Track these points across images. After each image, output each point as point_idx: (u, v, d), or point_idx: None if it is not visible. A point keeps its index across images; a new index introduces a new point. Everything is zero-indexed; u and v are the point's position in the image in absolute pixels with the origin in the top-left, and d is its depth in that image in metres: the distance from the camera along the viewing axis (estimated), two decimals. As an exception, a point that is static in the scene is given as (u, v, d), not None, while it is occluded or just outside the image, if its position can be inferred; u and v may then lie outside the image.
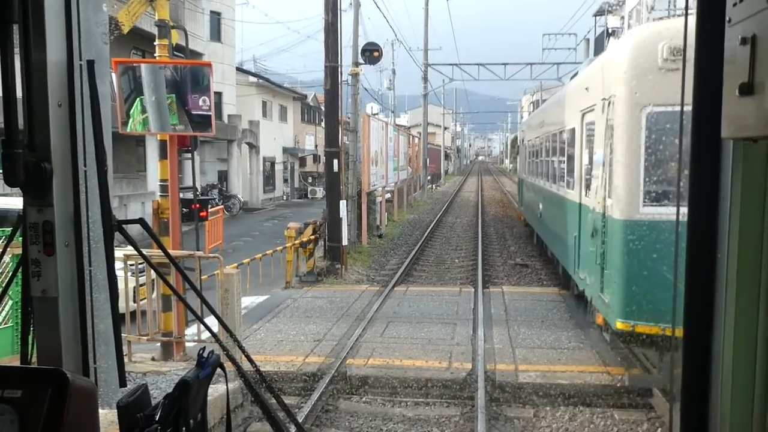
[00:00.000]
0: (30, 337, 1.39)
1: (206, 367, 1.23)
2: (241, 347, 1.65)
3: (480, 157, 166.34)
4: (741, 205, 1.10)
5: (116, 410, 1.16)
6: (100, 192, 1.35)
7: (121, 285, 6.55)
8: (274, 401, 1.54)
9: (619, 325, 6.18)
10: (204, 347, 1.27)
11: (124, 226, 1.39)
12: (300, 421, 5.83)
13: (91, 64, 1.41)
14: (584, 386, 6.58)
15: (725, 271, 1.13)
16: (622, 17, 34.45)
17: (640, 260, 5.98)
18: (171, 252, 6.62)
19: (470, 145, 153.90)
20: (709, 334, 1.20)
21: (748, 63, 0.93)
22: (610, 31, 35.23)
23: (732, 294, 1.13)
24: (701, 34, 1.13)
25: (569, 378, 6.75)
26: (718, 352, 1.18)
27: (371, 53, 17.78)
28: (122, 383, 1.44)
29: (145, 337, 6.73)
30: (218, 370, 1.30)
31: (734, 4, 0.99)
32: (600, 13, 38.64)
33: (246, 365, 1.65)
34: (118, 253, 6.43)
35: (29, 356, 1.40)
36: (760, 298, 1.12)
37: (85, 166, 1.40)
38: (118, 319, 1.43)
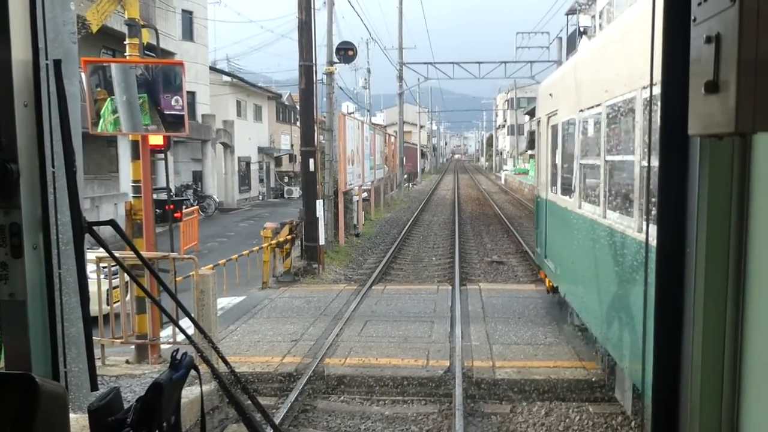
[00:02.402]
0: None
1: (180, 369, 1.22)
2: (215, 348, 1.64)
3: (456, 156, 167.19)
4: (708, 201, 1.12)
5: (87, 414, 1.14)
6: (69, 193, 1.32)
7: (93, 288, 6.45)
8: (251, 402, 1.53)
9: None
10: (177, 349, 1.26)
11: (95, 227, 1.36)
12: (277, 421, 5.80)
13: (57, 63, 1.38)
14: (560, 381, 6.66)
15: (694, 265, 1.16)
16: (593, 16, 34.89)
17: None
18: (145, 254, 6.55)
19: (446, 144, 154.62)
20: (679, 328, 1.22)
21: (713, 61, 0.95)
22: (581, 29, 35.70)
23: (701, 288, 1.15)
24: (668, 33, 1.15)
25: (545, 373, 6.83)
26: (688, 345, 1.20)
27: (346, 52, 17.76)
28: (94, 387, 1.42)
29: (119, 340, 6.63)
30: (193, 371, 1.29)
31: (699, 4, 1.01)
32: (572, 11, 39.14)
33: (222, 366, 1.63)
34: (91, 255, 6.34)
35: None
36: (728, 293, 1.14)
37: (53, 167, 1.38)
38: (89, 323, 1.40)
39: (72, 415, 1.33)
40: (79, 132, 3.57)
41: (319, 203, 13.65)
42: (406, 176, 43.18)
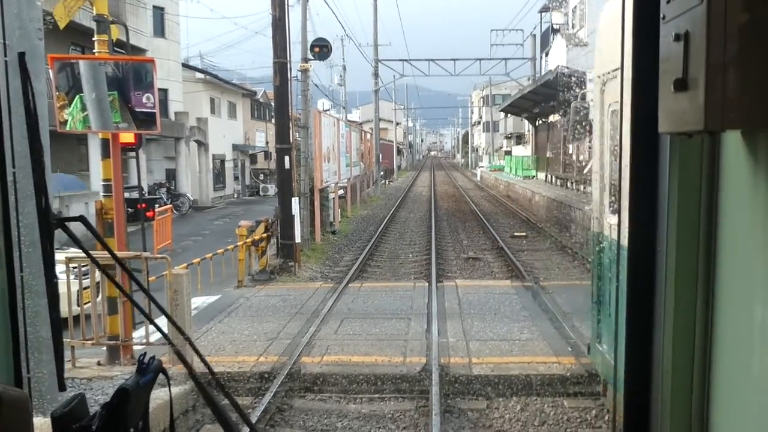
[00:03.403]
0: None
1: (147, 373, 1.19)
2: (193, 347, 1.60)
3: (432, 153, 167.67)
4: (678, 198, 1.13)
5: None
6: (36, 189, 1.28)
7: (63, 288, 6.32)
8: (227, 402, 1.51)
9: None
10: (145, 353, 1.23)
11: (66, 225, 1.32)
12: (254, 421, 5.75)
13: (21, 56, 1.34)
14: (535, 376, 6.71)
15: (664, 263, 1.16)
16: (566, 14, 35.21)
17: None
18: (117, 253, 6.44)
19: (422, 141, 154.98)
20: (650, 325, 1.23)
21: (681, 59, 0.95)
22: (555, 26, 35.98)
23: (671, 285, 1.15)
24: (638, 31, 1.15)
25: (521, 369, 6.88)
26: (659, 340, 1.21)
27: (321, 49, 17.66)
28: (62, 388, 1.38)
29: (89, 342, 6.51)
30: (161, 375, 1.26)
31: (668, 1, 1.01)
32: (545, 9, 39.46)
33: (197, 366, 1.60)
34: (60, 255, 6.21)
35: None
36: (698, 289, 1.15)
37: (14, 167, 1.33)
38: (59, 325, 1.36)
39: (38, 420, 1.29)
40: (46, 130, 3.49)
41: (295, 201, 13.57)
42: (382, 173, 43.19)
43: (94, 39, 6.60)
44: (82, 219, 1.38)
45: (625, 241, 1.27)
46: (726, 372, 1.11)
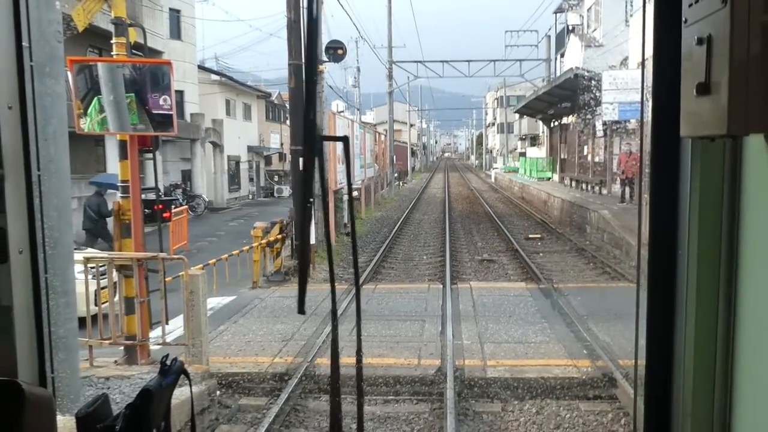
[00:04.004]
0: None
1: (169, 374, 1.21)
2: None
3: (446, 154, 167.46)
4: (700, 203, 1.12)
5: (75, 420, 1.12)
6: None
7: (81, 288, 6.39)
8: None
9: None
10: (167, 355, 1.24)
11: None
12: (268, 421, 5.79)
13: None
14: (551, 379, 6.68)
15: (686, 266, 1.16)
16: (581, 15, 35.01)
17: None
18: (134, 254, 6.50)
19: (436, 142, 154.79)
20: (671, 328, 1.22)
21: (704, 63, 0.95)
22: (570, 27, 35.80)
23: (692, 289, 1.15)
24: (659, 34, 1.15)
25: (536, 372, 6.85)
26: (680, 344, 1.20)
27: (335, 51, 17.73)
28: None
29: (107, 341, 6.58)
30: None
31: (690, 5, 1.01)
32: (560, 10, 39.25)
33: (213, 366, 1.62)
34: (78, 255, 6.28)
35: None
36: (720, 293, 1.14)
37: (38, 170, 1.36)
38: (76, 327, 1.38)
39: (60, 418, 1.31)
40: (65, 132, 3.54)
41: (310, 202, 13.59)
42: (396, 175, 43.18)
43: (112, 42, 6.67)
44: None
45: (645, 245, 1.26)
46: (748, 375, 1.10)
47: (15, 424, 1.08)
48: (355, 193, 22.61)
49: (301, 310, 1.34)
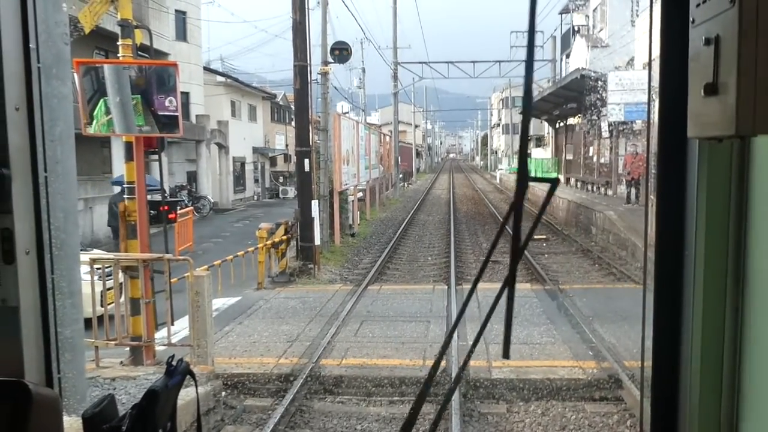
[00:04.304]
0: None
1: (175, 375, 1.21)
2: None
3: (451, 155, 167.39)
4: (707, 204, 1.11)
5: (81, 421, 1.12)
6: None
7: (87, 289, 6.41)
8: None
9: None
10: (173, 355, 1.24)
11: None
12: (273, 422, 5.79)
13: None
14: (556, 381, 6.66)
15: (693, 268, 1.15)
16: (587, 15, 34.95)
17: None
18: (139, 255, 6.52)
19: (441, 143, 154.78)
20: (678, 329, 1.22)
21: (712, 63, 0.94)
22: (575, 28, 35.73)
23: (699, 291, 1.14)
24: (666, 35, 1.14)
25: (542, 373, 6.83)
26: (687, 347, 1.19)
27: (340, 52, 17.74)
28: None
29: (113, 342, 6.60)
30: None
31: (698, 5, 1.00)
32: (565, 11, 39.20)
33: (218, 367, 1.62)
34: (84, 257, 6.30)
35: None
36: (727, 295, 1.13)
37: (45, 171, 1.36)
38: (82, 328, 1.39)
39: (66, 419, 1.31)
40: (72, 134, 3.55)
41: (315, 203, 13.63)
42: (401, 176, 43.19)
43: (118, 43, 6.70)
44: None
45: (651, 247, 1.26)
46: (756, 378, 1.10)
47: (22, 424, 1.08)
48: (360, 194, 22.62)
49: None
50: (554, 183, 0.90)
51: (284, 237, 13.05)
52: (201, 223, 23.90)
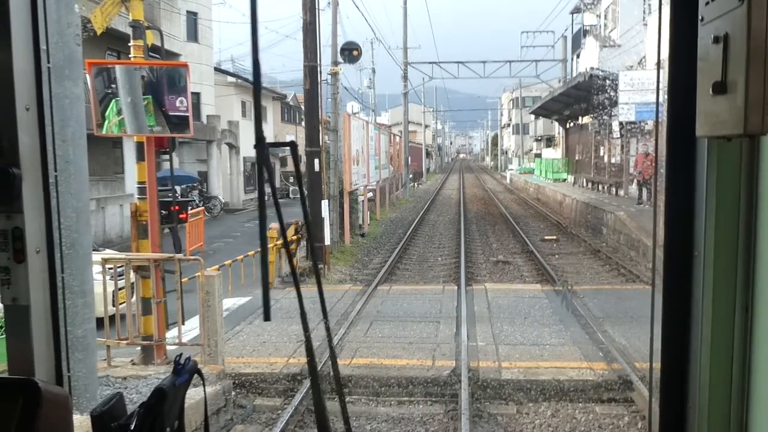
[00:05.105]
0: (1, 347, 1.36)
1: (183, 373, 1.22)
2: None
3: (461, 155, 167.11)
4: (716, 204, 1.11)
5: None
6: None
7: (99, 289, 6.46)
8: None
9: None
10: (180, 354, 1.25)
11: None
12: (283, 422, 5.81)
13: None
14: (566, 382, 6.63)
15: (702, 268, 1.14)
16: (598, 15, 34.77)
17: None
18: (150, 255, 6.56)
19: (451, 143, 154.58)
20: (687, 331, 1.21)
21: (721, 62, 0.94)
22: (586, 28, 35.56)
23: (709, 291, 1.13)
24: (675, 33, 1.13)
25: (552, 374, 6.80)
26: (696, 347, 1.19)
27: (350, 52, 17.77)
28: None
29: (124, 341, 6.64)
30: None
31: (707, 3, 1.00)
32: (576, 10, 39.02)
33: (228, 367, 1.63)
34: (96, 256, 6.35)
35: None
36: (736, 295, 1.12)
37: (55, 170, 1.38)
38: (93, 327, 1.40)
39: (77, 417, 1.32)
40: (84, 134, 3.58)
41: (325, 203, 13.65)
42: (411, 176, 43.16)
43: (130, 44, 6.74)
44: None
45: (660, 246, 1.25)
46: (766, 378, 1.09)
47: (32, 422, 1.09)
48: (370, 194, 22.63)
49: (267, 317, 1.36)
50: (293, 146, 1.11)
51: (294, 237, 13.09)
52: (212, 223, 24.00)
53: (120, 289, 7.15)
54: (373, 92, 42.06)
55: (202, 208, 21.31)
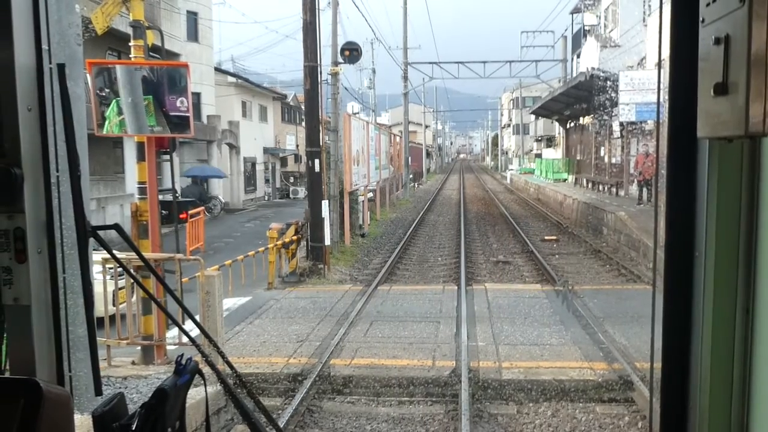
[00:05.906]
0: (3, 347, 1.36)
1: (184, 374, 1.22)
2: (220, 352, 1.63)
3: (461, 155, 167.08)
4: (717, 205, 1.11)
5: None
6: (73, 197, 1.32)
7: (99, 289, 6.46)
8: (255, 405, 1.53)
9: None
10: (182, 354, 1.25)
11: (99, 231, 1.36)
12: (283, 422, 5.81)
13: (61, 67, 1.38)
14: (566, 382, 6.63)
15: (703, 269, 1.14)
16: (598, 15, 34.77)
17: None
18: (151, 255, 6.56)
19: (451, 143, 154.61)
20: (688, 331, 1.21)
21: (722, 63, 0.94)
22: (586, 28, 35.55)
23: (710, 292, 1.13)
24: (676, 34, 1.13)
25: (552, 374, 6.80)
26: (697, 348, 1.19)
27: (351, 52, 17.75)
28: (98, 392, 1.41)
29: (124, 341, 6.65)
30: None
31: (707, 4, 1.00)
32: (576, 10, 39.03)
33: (227, 369, 1.63)
34: (97, 257, 6.35)
35: (2, 366, 1.37)
36: (738, 296, 1.13)
37: (57, 171, 1.38)
38: (93, 327, 1.40)
39: (78, 416, 1.33)
40: (84, 134, 3.58)
41: (325, 203, 13.65)
42: (411, 176, 43.16)
43: (130, 44, 6.75)
44: (116, 227, 1.42)
45: (661, 247, 1.25)
46: (767, 380, 1.09)
47: (33, 422, 1.09)
48: (370, 194, 22.63)
49: (99, 391, 1.32)
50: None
51: (294, 237, 13.09)
52: (212, 223, 24.01)
53: (120, 288, 7.15)
54: (373, 92, 42.06)
55: (202, 208, 21.33)
